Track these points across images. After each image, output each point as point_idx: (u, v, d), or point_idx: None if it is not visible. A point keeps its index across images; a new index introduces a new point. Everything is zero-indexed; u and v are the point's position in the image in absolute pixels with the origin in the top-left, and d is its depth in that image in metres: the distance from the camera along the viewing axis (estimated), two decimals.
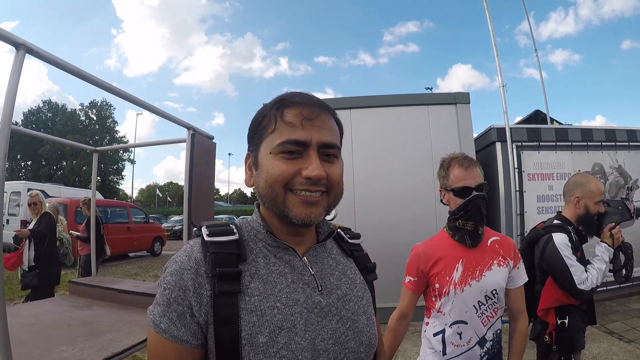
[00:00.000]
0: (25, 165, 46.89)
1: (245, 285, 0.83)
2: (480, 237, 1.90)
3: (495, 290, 1.86)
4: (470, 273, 1.86)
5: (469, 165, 1.91)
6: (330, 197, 0.90)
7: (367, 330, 0.94)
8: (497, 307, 1.88)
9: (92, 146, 5.32)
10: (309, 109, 0.87)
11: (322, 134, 0.88)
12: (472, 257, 1.89)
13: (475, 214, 1.85)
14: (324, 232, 1.01)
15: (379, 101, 6.63)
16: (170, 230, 22.50)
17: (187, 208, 3.76)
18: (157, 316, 0.82)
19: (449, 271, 1.88)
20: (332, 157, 0.90)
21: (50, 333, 2.94)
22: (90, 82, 2.81)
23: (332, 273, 0.97)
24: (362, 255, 1.11)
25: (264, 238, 0.92)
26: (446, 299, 1.87)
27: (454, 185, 1.91)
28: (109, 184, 48.29)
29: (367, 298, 1.01)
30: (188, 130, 3.89)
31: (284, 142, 0.85)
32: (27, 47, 2.26)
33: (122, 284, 4.39)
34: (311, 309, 0.86)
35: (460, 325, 1.86)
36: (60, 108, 48.63)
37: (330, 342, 0.85)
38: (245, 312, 0.80)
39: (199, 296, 0.81)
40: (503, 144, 6.92)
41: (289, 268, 0.90)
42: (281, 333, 0.80)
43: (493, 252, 1.91)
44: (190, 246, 0.89)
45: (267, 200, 0.88)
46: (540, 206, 6.86)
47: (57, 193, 14.80)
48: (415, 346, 5.13)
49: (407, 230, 6.17)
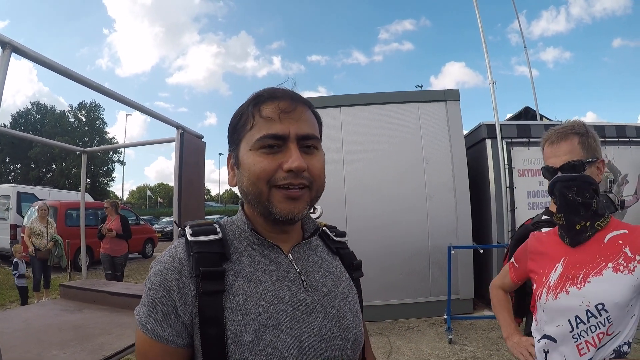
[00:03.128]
0: (14, 168, 46.41)
1: (229, 284, 0.83)
2: (580, 234, 1.44)
3: (602, 305, 1.35)
4: (570, 277, 1.42)
5: (556, 139, 1.58)
6: (313, 190, 0.90)
7: (353, 327, 0.94)
8: (604, 332, 1.35)
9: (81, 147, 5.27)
10: (286, 102, 0.88)
11: (299, 126, 0.88)
12: (577, 258, 1.45)
13: (564, 204, 1.44)
14: (309, 229, 1.01)
15: (369, 99, 6.67)
16: (161, 231, 22.36)
17: (177, 208, 3.74)
18: (143, 317, 0.83)
19: (547, 271, 1.50)
20: (312, 149, 0.90)
21: (41, 337, 2.91)
22: (77, 81, 2.78)
23: (318, 270, 0.97)
24: (348, 253, 1.11)
25: (248, 236, 0.92)
26: (539, 304, 1.51)
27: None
28: (99, 185, 47.85)
29: (353, 295, 1.01)
30: (177, 129, 3.87)
31: (262, 137, 0.85)
32: (13, 46, 2.23)
33: (113, 287, 4.37)
34: (296, 306, 0.86)
35: (548, 342, 1.47)
36: (49, 110, 48.16)
37: (317, 339, 0.86)
38: (230, 311, 0.81)
39: (183, 296, 0.81)
40: (493, 140, 6.99)
41: (274, 266, 0.90)
42: (266, 331, 0.80)
43: (611, 251, 1.40)
44: (174, 246, 0.89)
45: (252, 198, 0.88)
46: (531, 202, 6.91)
47: (46, 196, 14.66)
48: (408, 343, 5.16)
49: (396, 225, 6.24)
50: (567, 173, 1.50)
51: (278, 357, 0.80)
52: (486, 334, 5.43)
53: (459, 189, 6.45)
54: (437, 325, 5.94)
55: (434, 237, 6.35)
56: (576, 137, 1.55)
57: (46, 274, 7.56)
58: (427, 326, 5.92)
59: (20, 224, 11.81)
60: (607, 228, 1.46)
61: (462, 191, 6.46)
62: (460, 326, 5.87)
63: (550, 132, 1.63)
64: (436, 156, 6.48)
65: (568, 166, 1.53)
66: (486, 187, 7.04)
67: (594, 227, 1.44)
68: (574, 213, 1.43)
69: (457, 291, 6.22)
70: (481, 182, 7.21)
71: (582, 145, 1.54)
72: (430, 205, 6.39)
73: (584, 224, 1.43)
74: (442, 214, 6.41)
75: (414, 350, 4.97)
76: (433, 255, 6.32)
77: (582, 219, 1.43)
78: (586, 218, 1.43)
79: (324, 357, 0.86)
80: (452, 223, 6.41)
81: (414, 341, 5.26)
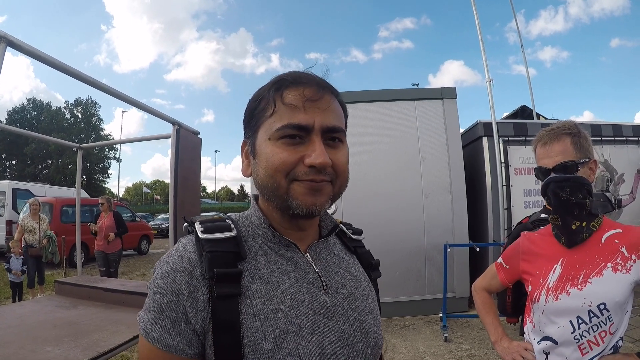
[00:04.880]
0: (10, 165, 46.21)
1: (245, 286, 0.76)
2: (577, 234, 1.45)
3: (604, 305, 1.37)
4: (570, 278, 1.43)
5: (548, 140, 1.57)
6: (336, 186, 0.83)
7: (374, 331, 0.89)
8: (606, 330, 1.38)
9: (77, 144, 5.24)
10: (312, 90, 0.80)
11: (325, 116, 0.80)
12: (575, 259, 1.46)
13: (559, 204, 1.46)
14: (327, 226, 0.94)
15: (366, 96, 6.67)
16: (157, 228, 22.37)
17: (172, 204, 3.73)
18: (148, 324, 0.75)
19: (545, 273, 1.50)
20: (337, 142, 0.82)
21: (35, 334, 2.89)
22: (73, 76, 2.76)
23: (337, 271, 0.90)
24: (365, 252, 1.04)
25: (263, 233, 0.85)
26: (536, 306, 1.51)
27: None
28: (95, 182, 47.75)
29: (372, 296, 0.95)
30: (173, 125, 3.86)
31: (284, 127, 0.78)
32: (8, 39, 2.21)
33: (108, 283, 4.34)
34: (317, 310, 0.80)
35: (549, 343, 1.47)
36: (45, 106, 47.96)
37: (339, 345, 0.80)
38: (247, 317, 0.74)
39: (195, 301, 0.74)
40: (490, 138, 7.02)
41: (291, 266, 0.83)
42: (287, 338, 0.74)
43: (609, 251, 1.43)
44: (182, 245, 0.81)
45: (268, 192, 0.81)
46: (527, 200, 6.94)
47: (42, 192, 14.59)
48: (404, 341, 5.17)
49: (392, 223, 6.24)
50: (560, 174, 1.49)
51: None
52: (482, 332, 5.43)
53: (456, 187, 6.44)
54: (432, 323, 5.95)
55: (430, 235, 6.35)
56: (568, 138, 1.54)
57: (40, 270, 7.52)
58: (423, 324, 5.93)
59: (16, 221, 11.77)
60: (602, 228, 1.48)
61: (459, 189, 6.46)
62: (456, 324, 5.87)
63: (542, 132, 1.61)
64: (433, 154, 6.48)
65: (561, 167, 1.51)
66: (482, 185, 7.06)
67: (589, 228, 1.45)
68: (569, 213, 1.44)
69: (453, 289, 6.22)
70: (477, 180, 7.23)
71: (574, 145, 1.53)
72: (426, 203, 6.39)
73: (580, 224, 1.44)
74: (438, 212, 6.40)
75: (410, 348, 4.98)
76: (429, 253, 6.33)
77: (577, 219, 1.44)
78: (581, 218, 1.44)
79: None
80: (448, 221, 6.40)
81: (410, 339, 5.27)
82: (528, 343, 1.58)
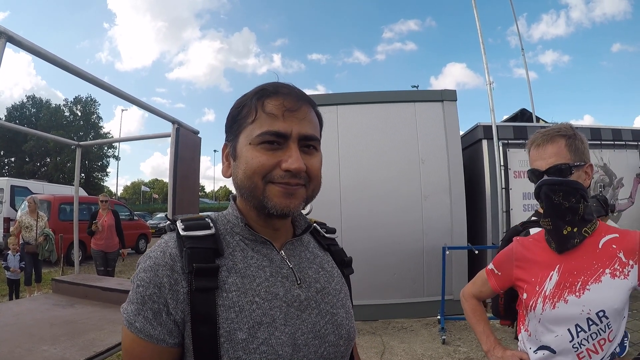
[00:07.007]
0: (8, 162, 46.14)
1: (222, 280, 0.82)
2: (568, 240, 1.41)
3: (603, 312, 1.33)
4: (568, 285, 1.38)
5: (542, 142, 1.52)
6: (309, 189, 0.89)
7: (346, 324, 0.94)
8: (605, 338, 1.35)
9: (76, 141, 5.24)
10: (291, 101, 0.87)
11: (302, 126, 0.87)
12: (573, 265, 1.40)
13: (550, 208, 1.42)
14: (300, 226, 1.01)
15: (366, 97, 6.67)
16: (155, 227, 22.33)
17: (171, 203, 3.72)
18: (131, 315, 0.80)
19: (541, 280, 1.44)
20: (312, 149, 0.89)
21: (32, 332, 2.88)
22: (72, 73, 2.76)
23: (310, 266, 0.96)
24: (338, 250, 1.11)
25: (240, 231, 0.91)
26: (532, 314, 1.45)
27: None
28: (94, 180, 47.69)
29: (345, 291, 1.02)
30: (173, 124, 3.85)
31: (264, 133, 0.84)
32: (8, 35, 2.21)
33: (105, 282, 4.32)
34: (290, 302, 0.86)
35: (546, 352, 1.42)
36: (44, 103, 47.92)
37: (310, 336, 0.85)
38: (223, 309, 0.79)
39: (175, 293, 0.79)
40: (489, 141, 7.02)
41: (267, 261, 0.89)
42: (260, 328, 0.79)
43: (606, 257, 1.39)
44: (164, 241, 0.87)
45: (246, 192, 0.87)
46: (526, 203, 6.94)
47: (40, 190, 14.59)
48: (402, 343, 5.16)
49: (391, 225, 6.24)
50: (554, 176, 1.45)
51: (272, 355, 0.78)
52: None
53: (455, 190, 6.44)
54: (430, 325, 5.94)
55: (428, 237, 6.34)
56: (563, 140, 1.49)
57: (37, 267, 7.51)
58: (421, 326, 5.92)
59: (14, 218, 11.74)
60: (597, 233, 1.43)
61: (458, 192, 6.46)
62: (454, 327, 5.87)
63: (536, 134, 1.57)
64: (432, 156, 6.47)
65: (554, 169, 1.46)
66: (482, 188, 7.06)
67: (581, 234, 1.41)
68: (560, 217, 1.40)
69: (451, 292, 6.20)
70: (477, 182, 7.23)
71: (569, 148, 1.48)
72: (425, 205, 6.38)
73: (571, 230, 1.40)
74: (437, 214, 6.40)
75: (407, 350, 4.97)
76: (427, 255, 6.32)
77: (568, 224, 1.40)
78: (573, 223, 1.40)
79: (317, 354, 0.86)
80: (447, 223, 6.40)
81: (407, 341, 5.27)
82: (523, 352, 1.53)
